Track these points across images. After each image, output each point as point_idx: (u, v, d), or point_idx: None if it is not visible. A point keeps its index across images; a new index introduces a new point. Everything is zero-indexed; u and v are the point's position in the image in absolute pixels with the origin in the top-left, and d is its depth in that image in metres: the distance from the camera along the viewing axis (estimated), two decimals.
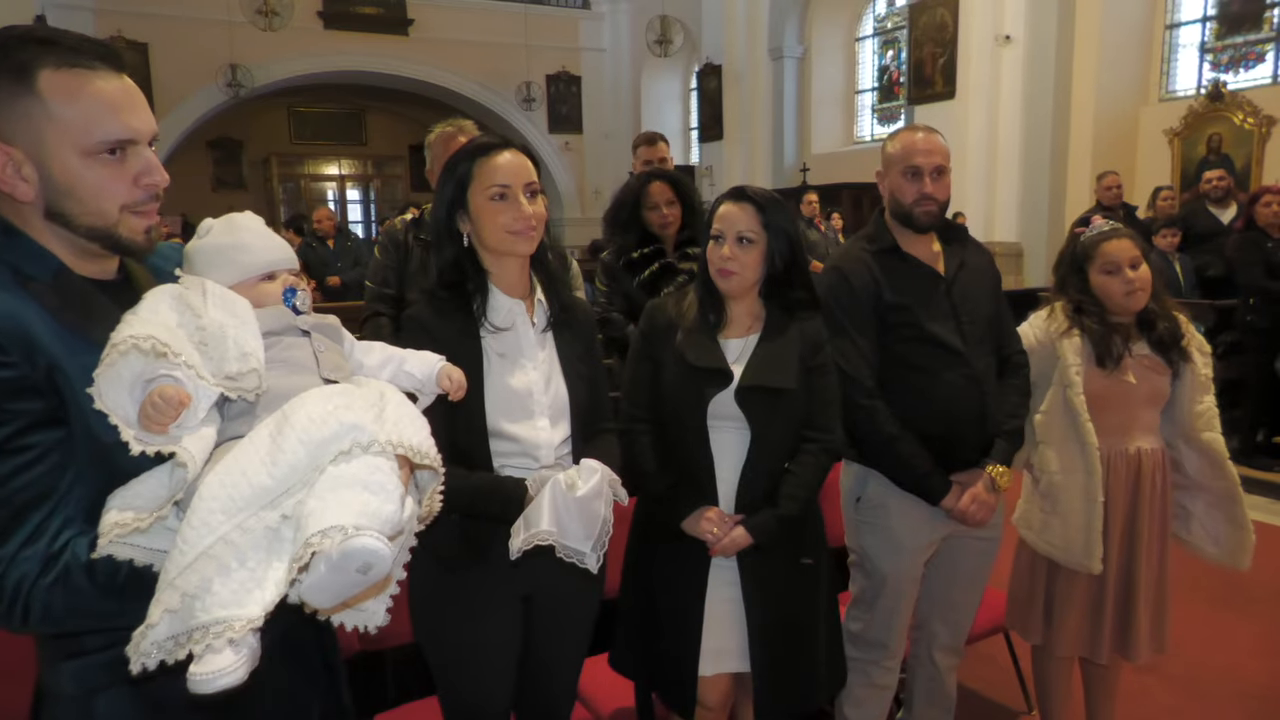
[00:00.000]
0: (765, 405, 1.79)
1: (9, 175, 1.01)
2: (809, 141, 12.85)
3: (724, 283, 1.84)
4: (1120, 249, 2.16)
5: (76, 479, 1.00)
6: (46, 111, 0.99)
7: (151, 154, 1.06)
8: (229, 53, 11.81)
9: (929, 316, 2.07)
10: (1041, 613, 2.29)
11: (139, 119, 1.04)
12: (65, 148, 1.01)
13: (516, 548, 1.47)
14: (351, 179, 17.27)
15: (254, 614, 0.92)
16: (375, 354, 1.31)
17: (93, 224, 1.04)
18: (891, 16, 12.27)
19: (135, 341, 0.97)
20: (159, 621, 0.93)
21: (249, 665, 0.93)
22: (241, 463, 0.99)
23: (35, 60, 0.99)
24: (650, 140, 3.34)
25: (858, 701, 2.26)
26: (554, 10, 15.26)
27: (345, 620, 1.12)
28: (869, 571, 2.21)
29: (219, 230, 1.20)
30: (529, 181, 1.60)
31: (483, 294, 1.63)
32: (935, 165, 2.07)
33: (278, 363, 1.11)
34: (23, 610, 0.96)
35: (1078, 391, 2.14)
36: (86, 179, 1.02)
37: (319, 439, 0.98)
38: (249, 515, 0.96)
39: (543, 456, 1.61)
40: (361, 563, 0.91)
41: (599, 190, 15.16)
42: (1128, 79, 8.78)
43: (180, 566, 0.93)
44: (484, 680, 1.66)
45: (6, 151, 1.00)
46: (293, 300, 1.19)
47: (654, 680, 1.93)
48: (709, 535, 1.77)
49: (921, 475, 2.06)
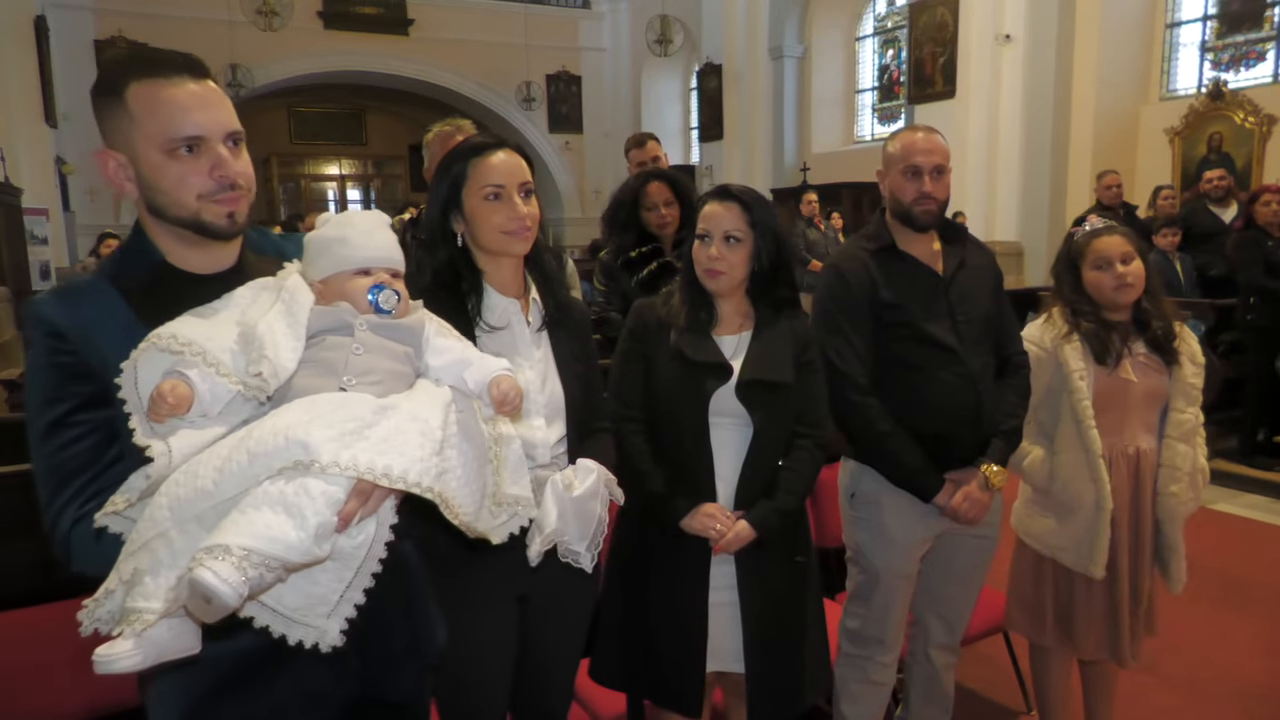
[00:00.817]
0: (765, 400, 1.79)
1: (119, 177, 1.18)
2: (809, 141, 12.85)
3: (711, 283, 1.83)
4: (1110, 244, 2.16)
5: (121, 455, 1.14)
6: (133, 118, 1.15)
7: (223, 149, 1.18)
8: (229, 53, 11.82)
9: (925, 316, 2.07)
10: (1053, 616, 2.28)
11: (209, 118, 1.17)
12: (149, 148, 1.15)
13: (537, 552, 1.48)
14: (351, 179, 17.29)
15: (156, 608, 0.98)
16: (446, 356, 1.26)
17: (178, 214, 1.18)
18: (891, 16, 12.27)
19: (155, 339, 1.08)
20: (116, 591, 1.02)
21: (144, 657, 0.98)
22: (200, 462, 1.03)
23: (125, 76, 1.15)
24: (639, 142, 3.34)
25: (854, 698, 2.27)
26: (554, 10, 15.27)
27: (289, 635, 1.10)
28: (864, 567, 2.21)
29: (331, 224, 1.26)
30: (523, 181, 1.59)
31: (477, 293, 1.63)
32: (935, 164, 2.07)
33: (311, 362, 1.14)
34: (64, 552, 1.14)
35: (1081, 398, 2.13)
36: (168, 173, 1.16)
37: (262, 452, 1.01)
38: (189, 517, 1.00)
39: (538, 456, 1.61)
40: (201, 594, 0.93)
41: (599, 190, 15.16)
42: (1128, 78, 8.78)
43: (127, 553, 1.02)
44: (480, 681, 1.65)
45: (115, 157, 1.17)
46: (375, 297, 1.21)
47: (650, 684, 1.90)
48: (712, 532, 1.76)
49: (913, 473, 2.06)
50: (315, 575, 1.09)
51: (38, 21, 10.06)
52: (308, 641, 1.11)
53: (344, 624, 1.12)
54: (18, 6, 9.43)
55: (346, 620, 1.13)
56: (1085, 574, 2.16)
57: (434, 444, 1.10)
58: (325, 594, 1.10)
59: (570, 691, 1.85)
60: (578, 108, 15.72)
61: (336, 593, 1.11)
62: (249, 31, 11.36)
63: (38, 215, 8.90)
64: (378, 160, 17.35)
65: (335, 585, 1.10)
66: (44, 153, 9.95)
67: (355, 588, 1.12)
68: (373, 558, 1.13)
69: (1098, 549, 2.13)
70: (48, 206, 9.43)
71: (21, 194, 8.34)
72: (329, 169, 17.08)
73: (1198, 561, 2.32)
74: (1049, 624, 2.29)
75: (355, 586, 1.12)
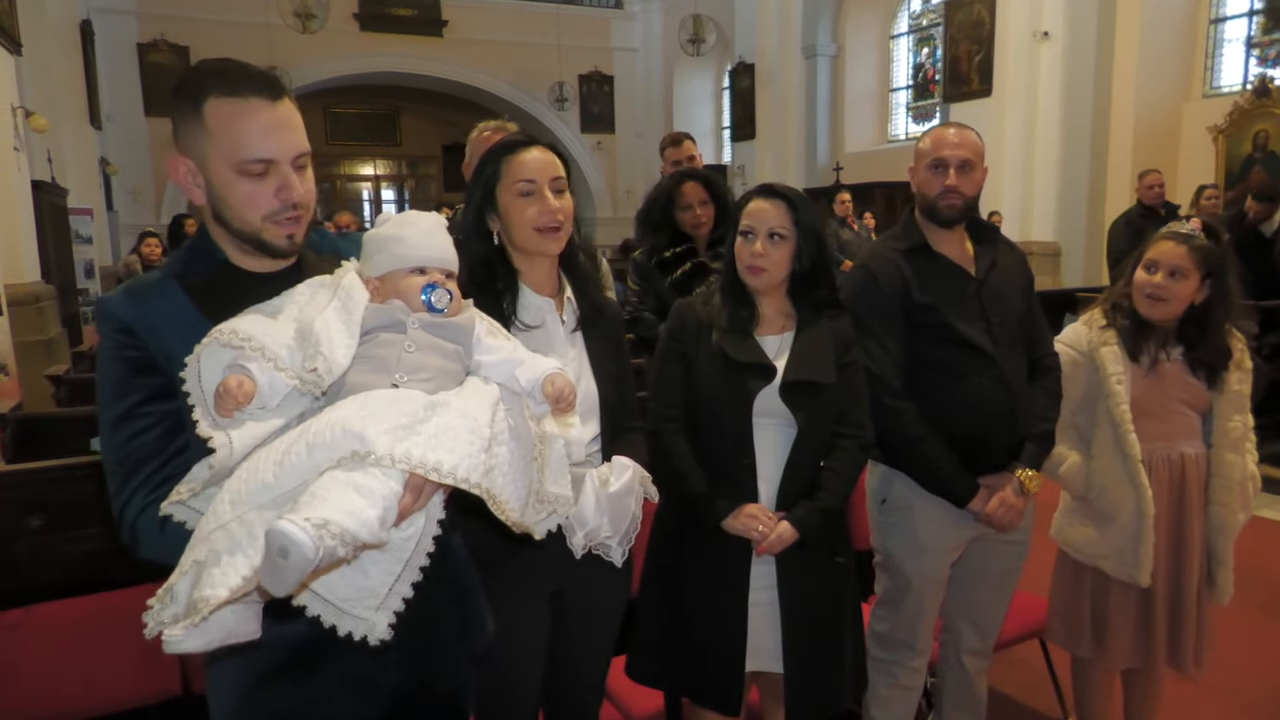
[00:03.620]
0: (808, 401, 1.79)
1: (188, 182, 1.22)
2: (842, 140, 12.76)
3: (753, 279, 1.83)
4: (1169, 251, 2.08)
5: (187, 445, 1.19)
6: (208, 133, 1.18)
7: (291, 172, 1.22)
8: (267, 55, 11.99)
9: (958, 317, 2.04)
10: (1089, 626, 2.24)
11: (281, 142, 1.20)
12: (220, 164, 1.19)
13: (580, 545, 1.51)
14: (386, 179, 17.49)
15: (222, 595, 1.00)
16: (496, 355, 1.28)
17: (241, 228, 1.22)
18: (927, 13, 12.14)
19: (216, 334, 1.12)
20: (179, 586, 1.03)
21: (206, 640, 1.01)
22: (260, 457, 1.06)
23: (206, 90, 1.18)
24: (676, 141, 3.33)
25: (884, 702, 2.25)
26: (587, 10, 15.32)
27: (340, 626, 1.13)
28: (893, 573, 2.19)
29: (391, 223, 1.29)
30: (555, 176, 1.61)
31: (512, 292, 1.64)
32: (961, 159, 2.04)
33: (365, 359, 1.17)
34: (131, 539, 1.19)
35: (1119, 402, 2.09)
36: (237, 191, 1.20)
37: (320, 444, 1.03)
38: (250, 509, 1.02)
39: (573, 454, 1.61)
40: (278, 546, 0.94)
41: (630, 190, 15.18)
42: (1170, 75, 8.59)
43: (192, 543, 1.05)
44: (513, 675, 1.67)
45: (185, 163, 1.21)
46: (429, 296, 1.23)
47: (689, 683, 1.90)
48: (755, 533, 1.76)
49: (947, 478, 2.03)
50: (366, 567, 1.12)
51: (83, 26, 10.31)
52: (357, 634, 1.14)
53: (392, 617, 1.15)
54: (64, 12, 9.65)
55: (394, 614, 1.15)
56: (1131, 582, 2.12)
57: (483, 441, 1.12)
58: (375, 586, 1.13)
59: (602, 687, 1.86)
60: (610, 108, 15.75)
61: (386, 585, 1.13)
62: (287, 34, 11.53)
63: (83, 215, 9.10)
64: (411, 160, 17.53)
65: (384, 578, 1.13)
66: (89, 154, 10.19)
67: (404, 580, 1.15)
68: (421, 551, 1.15)
69: (1142, 555, 2.09)
70: (92, 206, 9.64)
71: (67, 194, 8.53)
72: (364, 169, 17.30)
73: (1241, 568, 2.27)
74: (1086, 635, 2.25)
75: (404, 579, 1.15)
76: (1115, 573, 2.14)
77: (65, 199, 8.47)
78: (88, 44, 10.35)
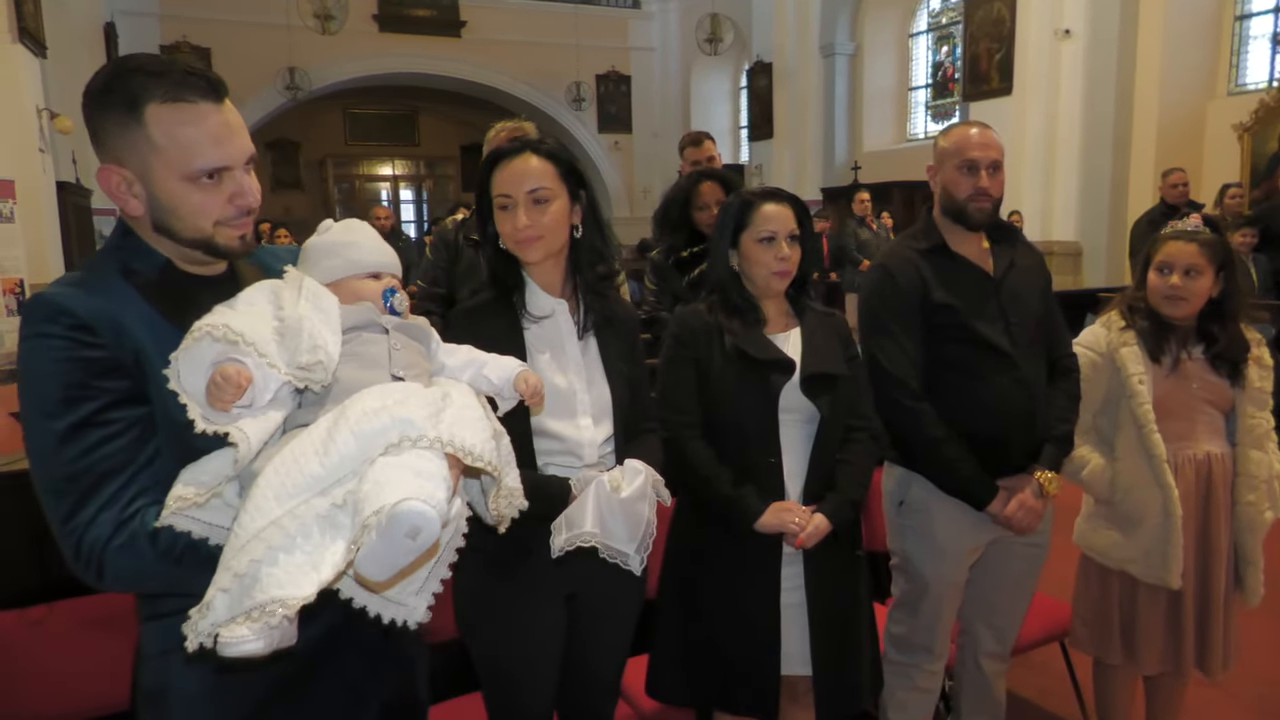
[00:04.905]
0: (827, 393, 1.82)
1: (122, 193, 1.13)
2: (860, 139, 12.69)
3: (781, 284, 1.87)
4: (1181, 251, 2.07)
5: (156, 454, 1.10)
6: (151, 142, 1.10)
7: (244, 176, 1.16)
8: (287, 56, 12.10)
9: (977, 317, 2.03)
10: (1119, 632, 2.22)
11: (234, 148, 1.14)
12: (168, 174, 1.11)
13: (559, 546, 1.49)
14: (404, 179, 17.54)
15: (308, 593, 0.97)
16: (459, 356, 1.32)
17: (192, 237, 1.15)
18: (946, 11, 12.05)
19: (209, 329, 1.06)
20: (216, 602, 0.98)
21: (269, 642, 0.98)
22: (297, 451, 1.04)
23: (144, 93, 1.09)
24: (696, 140, 3.33)
25: (901, 705, 2.23)
26: (604, 10, 15.31)
27: (383, 613, 1.14)
28: (911, 575, 2.17)
29: (337, 230, 1.30)
30: (531, 189, 1.57)
31: (521, 290, 1.67)
32: (991, 160, 2.02)
33: (352, 356, 1.17)
34: (96, 569, 1.06)
35: (1141, 402, 2.07)
36: (187, 201, 1.13)
37: (370, 431, 1.03)
38: (300, 502, 1.01)
39: (586, 455, 1.62)
40: (410, 526, 0.94)
41: (647, 189, 15.16)
42: (1194, 72, 8.48)
43: (235, 549, 1.00)
44: (528, 677, 1.67)
45: (120, 173, 1.12)
46: (390, 300, 1.25)
47: (721, 693, 1.87)
48: (793, 525, 1.76)
49: (966, 480, 2.02)
50: None
51: (107, 28, 10.41)
52: (399, 620, 1.15)
53: (430, 599, 1.16)
54: (89, 14, 9.77)
55: (433, 596, 1.17)
56: (1161, 585, 2.10)
57: (487, 429, 1.15)
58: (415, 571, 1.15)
59: (617, 688, 1.85)
60: (627, 107, 15.74)
61: (425, 569, 1.16)
62: (307, 35, 11.61)
63: (106, 215, 9.21)
64: (430, 161, 17.57)
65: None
66: None
67: (441, 563, 1.17)
68: (458, 534, 1.17)
69: (1171, 557, 2.06)
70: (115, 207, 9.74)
71: (91, 194, 8.64)
72: (382, 169, 17.36)
73: (1266, 570, 2.24)
74: (1116, 640, 2.22)
75: (442, 562, 1.17)
76: (1144, 576, 2.12)
77: (89, 199, 8.58)
78: (111, 46, 10.45)
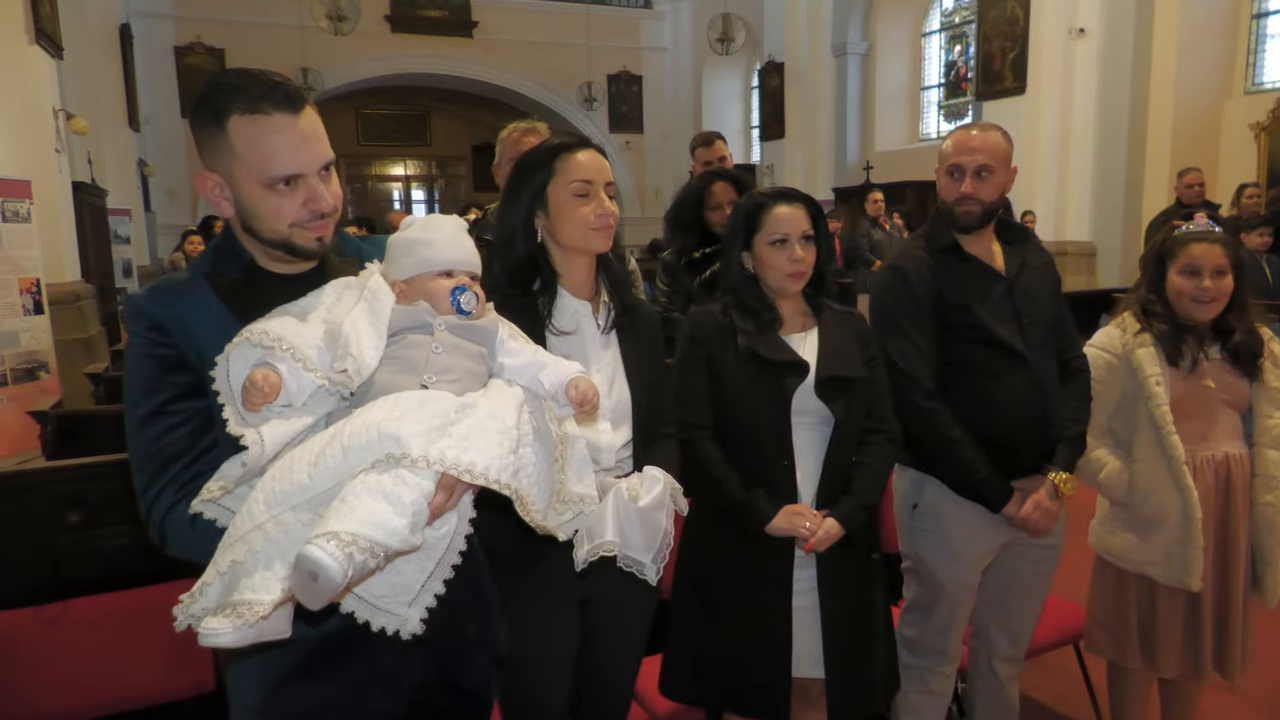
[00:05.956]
0: (842, 395, 1.80)
1: (216, 196, 1.25)
2: (872, 139, 12.65)
3: (796, 285, 1.85)
4: (1206, 254, 2.05)
5: (215, 443, 1.21)
6: (234, 151, 1.20)
7: (318, 182, 1.24)
8: (300, 57, 12.16)
9: (990, 317, 2.02)
10: (1137, 635, 2.20)
11: (307, 156, 1.22)
12: (248, 180, 1.21)
13: (582, 559, 1.45)
14: (416, 179, 17.64)
15: (277, 598, 1.02)
16: (520, 357, 1.30)
17: (271, 238, 1.25)
18: (959, 10, 11.99)
19: (248, 333, 1.14)
20: (209, 590, 1.06)
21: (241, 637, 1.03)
22: (294, 458, 1.07)
23: (228, 105, 1.19)
24: (707, 141, 3.32)
25: (914, 708, 2.22)
26: (616, 10, 15.33)
27: (374, 622, 1.16)
28: (924, 579, 2.16)
29: (416, 226, 1.31)
30: (610, 181, 1.64)
31: (549, 294, 1.64)
32: (979, 164, 2.00)
33: (392, 360, 1.18)
34: (159, 536, 1.22)
35: (1159, 403, 2.05)
36: (265, 205, 1.22)
37: (357, 446, 1.05)
38: (285, 509, 1.04)
39: (604, 460, 1.60)
40: (307, 570, 0.97)
41: (659, 189, 15.17)
42: (1210, 71, 8.41)
43: (225, 546, 1.07)
44: (542, 681, 1.67)
45: (212, 178, 1.24)
46: (458, 299, 1.25)
47: (732, 694, 1.87)
48: (804, 529, 1.75)
49: (981, 481, 2.00)
50: (400, 565, 1.14)
51: (122, 30, 10.50)
52: (390, 628, 1.16)
53: (424, 613, 1.17)
54: (104, 16, 9.85)
55: (426, 609, 1.17)
56: (1180, 587, 2.08)
57: (511, 442, 1.14)
58: (408, 583, 1.15)
59: (630, 693, 1.85)
60: (638, 107, 15.75)
61: (419, 582, 1.16)
62: (319, 36, 11.67)
63: (121, 215, 9.29)
64: (441, 161, 17.65)
65: (418, 575, 1.15)
66: (127, 155, 10.39)
67: (436, 578, 1.17)
68: (453, 549, 1.17)
69: (1192, 560, 2.04)
70: (130, 207, 9.83)
71: (107, 195, 8.71)
72: (395, 169, 17.45)
73: None
74: (1134, 643, 2.20)
75: (436, 577, 1.17)
76: (1163, 579, 2.10)
77: (105, 199, 8.64)
78: (127, 47, 10.54)
